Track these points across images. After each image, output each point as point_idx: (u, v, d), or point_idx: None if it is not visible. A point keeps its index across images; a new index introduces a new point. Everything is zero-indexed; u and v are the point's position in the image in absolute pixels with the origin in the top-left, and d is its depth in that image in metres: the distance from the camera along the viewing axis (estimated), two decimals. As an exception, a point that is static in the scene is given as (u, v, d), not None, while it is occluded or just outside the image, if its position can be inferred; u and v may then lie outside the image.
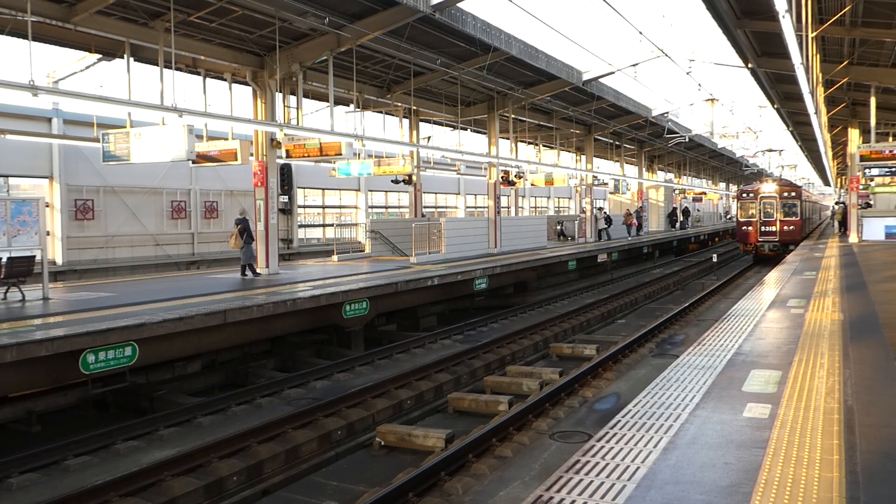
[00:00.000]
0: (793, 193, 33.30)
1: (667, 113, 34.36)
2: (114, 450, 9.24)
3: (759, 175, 57.31)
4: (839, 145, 40.00)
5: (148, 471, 8.13)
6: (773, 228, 32.68)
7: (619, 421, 5.65)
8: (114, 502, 7.49)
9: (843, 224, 36.81)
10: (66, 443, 9.18)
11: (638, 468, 4.62)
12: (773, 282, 15.33)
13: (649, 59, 22.09)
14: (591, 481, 4.46)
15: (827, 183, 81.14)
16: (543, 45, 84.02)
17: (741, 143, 51.39)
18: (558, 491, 4.34)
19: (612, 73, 23.86)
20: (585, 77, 24.29)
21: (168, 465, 8.30)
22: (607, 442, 5.17)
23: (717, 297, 22.61)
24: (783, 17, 9.95)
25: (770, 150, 54.23)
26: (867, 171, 28.29)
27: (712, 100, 36.62)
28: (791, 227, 32.53)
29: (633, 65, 22.79)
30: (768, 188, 33.40)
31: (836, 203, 51.15)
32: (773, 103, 28.90)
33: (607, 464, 4.73)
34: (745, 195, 34.11)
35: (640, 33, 18.04)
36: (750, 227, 33.20)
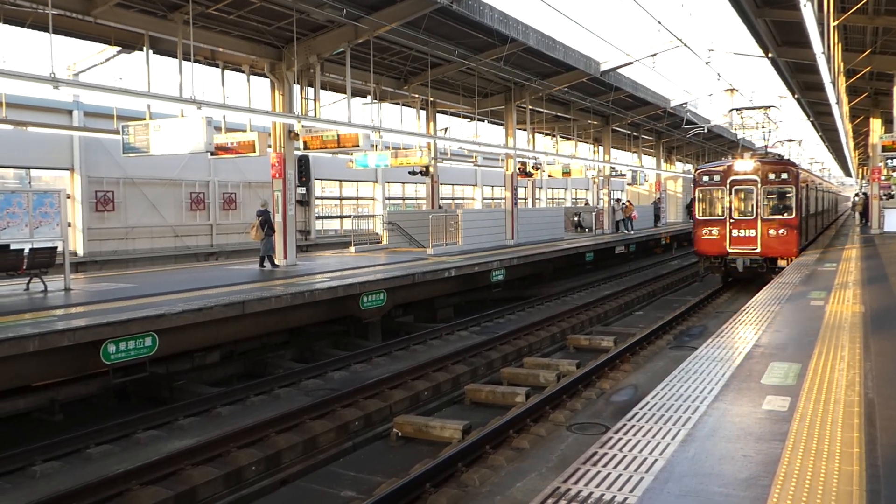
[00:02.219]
0: (783, 175, 20.00)
1: (685, 103, 34.04)
2: (134, 439, 9.35)
3: (736, 149, 38.90)
4: (861, 135, 39.49)
5: (168, 460, 8.22)
6: (752, 233, 20.04)
7: (636, 413, 5.63)
8: (134, 491, 7.58)
9: (865, 215, 35.28)
10: (88, 431, 9.30)
11: (656, 460, 4.61)
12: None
13: (668, 50, 21.90)
14: (609, 473, 4.45)
15: (848, 174, 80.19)
16: (561, 35, 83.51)
17: (760, 134, 50.83)
18: (576, 483, 4.34)
19: (630, 63, 23.68)
20: (603, 68, 24.13)
21: (188, 455, 8.39)
22: (625, 434, 5.16)
23: (737, 288, 22.46)
24: (805, 5, 9.83)
25: (790, 140, 53.62)
26: (889, 161, 27.90)
27: (732, 90, 36.25)
28: (781, 232, 19.76)
29: (652, 55, 22.60)
30: (744, 166, 20.28)
31: (856, 195, 49.33)
32: (793, 93, 28.58)
33: (625, 456, 4.72)
34: (707, 178, 20.92)
35: (659, 23, 17.90)
36: (713, 231, 20.55)
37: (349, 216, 33.74)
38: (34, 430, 9.96)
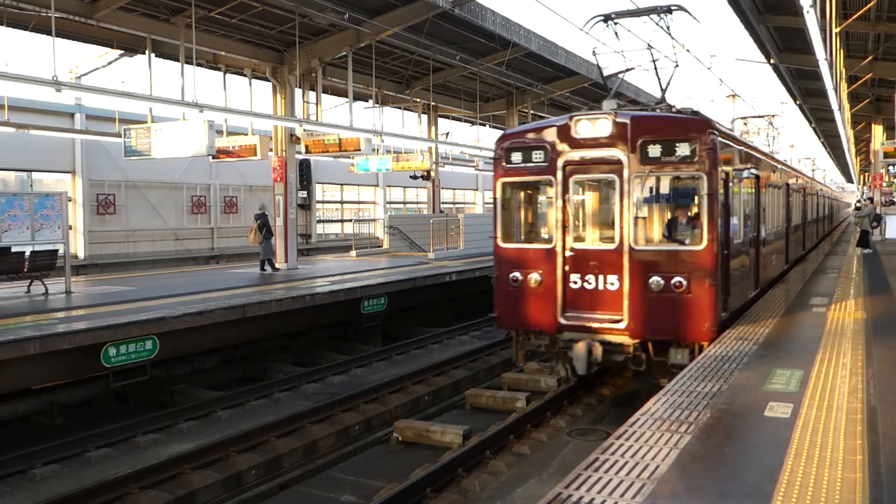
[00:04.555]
0: (681, 147, 8.89)
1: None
2: (134, 442, 9.33)
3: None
4: (862, 142, 39.49)
5: (168, 464, 8.20)
6: (612, 283, 9.27)
7: (638, 419, 5.61)
8: (134, 494, 7.55)
9: (865, 241, 21.09)
10: (88, 435, 9.27)
11: (658, 466, 4.58)
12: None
13: (670, 55, 21.91)
14: (611, 479, 4.43)
15: (850, 180, 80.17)
16: (563, 40, 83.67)
17: (762, 140, 50.91)
18: (577, 489, 4.31)
19: (632, 69, 23.69)
20: (605, 73, 24.10)
21: (187, 459, 8.37)
22: (627, 440, 5.14)
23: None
24: (807, 11, 9.84)
25: (791, 147, 53.71)
26: (891, 167, 27.90)
27: (734, 96, 36.29)
28: (676, 281, 8.87)
29: (654, 60, 22.58)
30: (592, 130, 9.37)
31: (859, 201, 42.89)
32: (795, 99, 28.61)
33: (627, 462, 4.70)
34: (517, 157, 10.02)
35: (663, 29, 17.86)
36: (530, 278, 9.85)
37: (350, 220, 33.76)
38: (34, 433, 9.94)
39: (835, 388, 6.29)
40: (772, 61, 20.96)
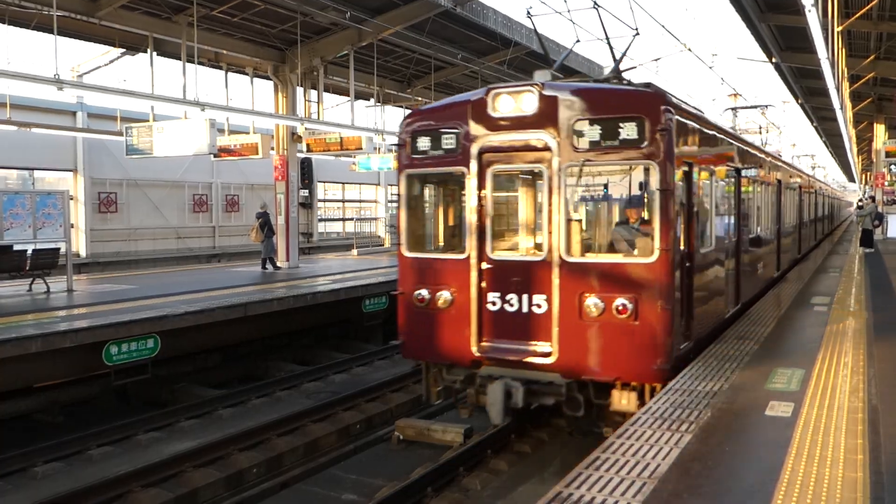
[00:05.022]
0: (625, 129, 7.02)
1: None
2: (135, 441, 9.34)
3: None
4: (864, 141, 39.45)
5: (169, 462, 8.21)
6: (538, 305, 7.36)
7: (639, 418, 5.61)
8: (135, 493, 7.56)
9: (868, 240, 21.38)
10: (89, 433, 9.29)
11: (658, 465, 4.58)
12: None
13: (672, 54, 21.89)
14: (612, 478, 4.43)
15: (852, 179, 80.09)
16: (565, 40, 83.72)
17: (763, 139, 50.91)
18: (578, 487, 4.31)
19: (634, 67, 23.73)
20: (606, 72, 24.13)
21: (189, 457, 8.38)
22: (627, 439, 5.13)
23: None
24: (809, 10, 9.82)
25: (793, 145, 53.69)
26: (893, 167, 27.87)
27: (735, 94, 36.24)
28: (620, 304, 6.96)
29: (656, 59, 22.61)
30: (515, 107, 7.43)
31: (860, 200, 42.75)
32: (797, 98, 28.59)
33: (627, 461, 4.70)
34: (425, 145, 8.05)
35: (664, 27, 17.89)
36: (438, 296, 7.85)
37: (351, 219, 33.75)
38: (35, 432, 9.96)
39: (836, 387, 6.28)
40: (773, 60, 20.94)
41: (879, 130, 28.47)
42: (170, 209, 25.35)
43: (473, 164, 7.62)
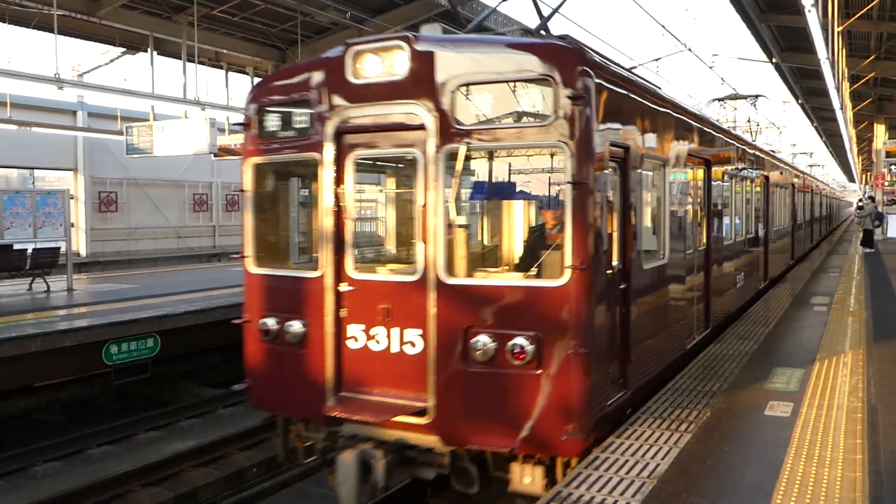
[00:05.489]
0: (528, 99, 5.09)
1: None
2: (136, 440, 9.35)
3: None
4: (864, 141, 39.47)
5: (169, 461, 8.22)
6: (412, 345, 5.36)
7: (639, 418, 5.61)
8: (135, 492, 7.57)
9: (869, 240, 21.54)
10: (89, 432, 9.30)
11: (658, 465, 4.59)
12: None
13: (672, 54, 21.91)
14: (611, 478, 4.43)
15: (852, 179, 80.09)
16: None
17: (764, 139, 50.92)
18: (578, 487, 4.32)
19: (634, 67, 23.70)
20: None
21: (189, 456, 8.38)
22: (627, 439, 5.14)
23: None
24: (809, 10, 9.84)
25: (793, 145, 53.67)
26: (893, 167, 27.87)
27: (735, 95, 36.23)
28: (521, 345, 4.92)
29: (656, 59, 22.61)
30: (373, 67, 5.42)
31: (860, 200, 44.58)
32: (797, 98, 28.60)
33: (627, 461, 4.70)
34: (273, 123, 6.27)
35: (664, 27, 17.90)
36: (289, 329, 6.00)
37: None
38: (36, 431, 9.96)
39: (835, 387, 6.29)
40: (774, 60, 20.95)
41: (879, 130, 28.47)
42: (170, 208, 25.35)
43: (329, 149, 5.60)
